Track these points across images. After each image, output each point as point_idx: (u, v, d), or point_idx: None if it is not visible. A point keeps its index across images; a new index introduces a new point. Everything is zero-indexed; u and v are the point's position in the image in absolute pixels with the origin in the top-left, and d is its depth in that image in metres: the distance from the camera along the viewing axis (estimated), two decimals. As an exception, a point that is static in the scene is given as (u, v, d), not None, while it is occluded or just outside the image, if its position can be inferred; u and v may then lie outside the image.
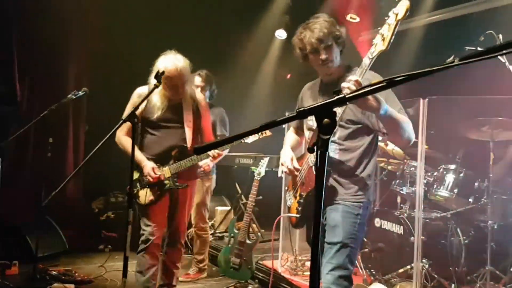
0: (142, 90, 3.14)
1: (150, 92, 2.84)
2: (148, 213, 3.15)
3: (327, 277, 2.21)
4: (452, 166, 3.85)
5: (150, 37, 5.48)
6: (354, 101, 1.94)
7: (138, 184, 3.15)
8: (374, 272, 3.80)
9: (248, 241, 4.06)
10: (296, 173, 2.42)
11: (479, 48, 3.42)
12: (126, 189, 3.15)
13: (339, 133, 2.32)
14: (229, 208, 5.86)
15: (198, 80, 4.21)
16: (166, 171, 3.12)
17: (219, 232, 5.45)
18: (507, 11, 4.32)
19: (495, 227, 3.51)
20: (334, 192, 2.31)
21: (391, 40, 1.88)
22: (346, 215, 2.26)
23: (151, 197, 3.13)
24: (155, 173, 3.06)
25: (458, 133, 3.98)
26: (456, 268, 3.58)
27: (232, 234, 4.18)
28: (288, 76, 7.39)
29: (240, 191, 5.60)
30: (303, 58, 2.39)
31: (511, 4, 4.36)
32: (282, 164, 2.44)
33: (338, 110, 2.07)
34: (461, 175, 3.80)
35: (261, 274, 4.22)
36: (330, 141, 2.27)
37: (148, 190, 3.12)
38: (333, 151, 2.32)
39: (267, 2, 6.48)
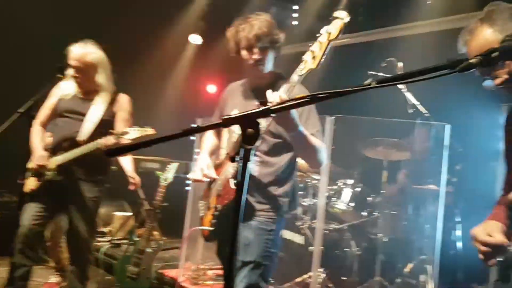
0: (64, 85, 3.07)
1: (52, 86, 2.72)
2: (27, 203, 2.97)
3: None
4: (350, 181, 4.12)
5: (51, 33, 5.08)
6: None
7: (28, 173, 3.02)
8: (272, 281, 3.88)
9: (148, 250, 3.93)
10: (204, 179, 2.30)
11: (380, 74, 3.72)
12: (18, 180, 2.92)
13: (259, 145, 2.22)
14: (129, 214, 5.60)
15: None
16: (51, 162, 3.01)
17: (117, 239, 5.17)
18: (406, 41, 4.77)
19: (385, 240, 3.80)
20: (248, 207, 2.20)
21: (322, 60, 1.79)
22: (259, 232, 2.17)
23: (32, 186, 2.99)
24: (40, 161, 2.97)
25: (357, 151, 4.26)
26: (349, 278, 3.81)
27: (131, 242, 4.01)
28: (207, 89, 7.34)
29: (142, 197, 5.38)
30: (236, 53, 2.24)
31: (409, 35, 4.82)
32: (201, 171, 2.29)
33: (263, 123, 1.94)
34: (358, 190, 4.07)
35: (160, 284, 4.09)
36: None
37: (32, 178, 3.01)
38: (252, 163, 2.23)
39: (183, 6, 6.38)
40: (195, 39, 6.50)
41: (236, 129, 2.25)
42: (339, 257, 3.84)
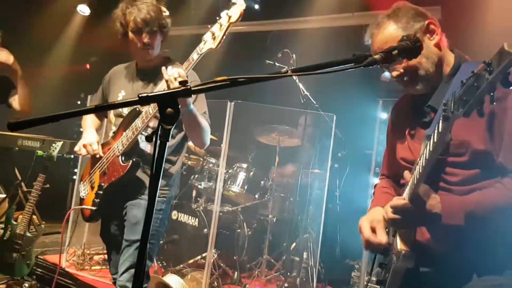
0: None
1: None
2: None
3: (123, 276, 2.15)
4: (245, 165, 4.26)
5: None
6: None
7: None
8: (165, 264, 3.87)
9: (28, 234, 3.64)
10: (91, 154, 2.29)
11: (277, 64, 3.88)
12: None
13: (153, 123, 2.19)
14: (3, 196, 5.07)
15: None
16: None
17: (-12, 223, 4.66)
18: (300, 35, 5.00)
19: (274, 220, 4.02)
20: (141, 184, 2.24)
21: (222, 41, 1.87)
22: None
23: None
24: None
25: (252, 136, 4.41)
26: (240, 257, 3.97)
27: (8, 226, 3.67)
28: (88, 66, 6.89)
29: (20, 178, 4.90)
30: (123, 35, 2.25)
31: (302, 29, 5.07)
32: (85, 146, 2.27)
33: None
34: (251, 173, 4.24)
35: (41, 270, 3.82)
36: (143, 132, 2.20)
37: None
38: (143, 141, 2.22)
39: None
40: (83, 9, 6.03)
41: (125, 110, 2.26)
42: (231, 238, 3.97)
